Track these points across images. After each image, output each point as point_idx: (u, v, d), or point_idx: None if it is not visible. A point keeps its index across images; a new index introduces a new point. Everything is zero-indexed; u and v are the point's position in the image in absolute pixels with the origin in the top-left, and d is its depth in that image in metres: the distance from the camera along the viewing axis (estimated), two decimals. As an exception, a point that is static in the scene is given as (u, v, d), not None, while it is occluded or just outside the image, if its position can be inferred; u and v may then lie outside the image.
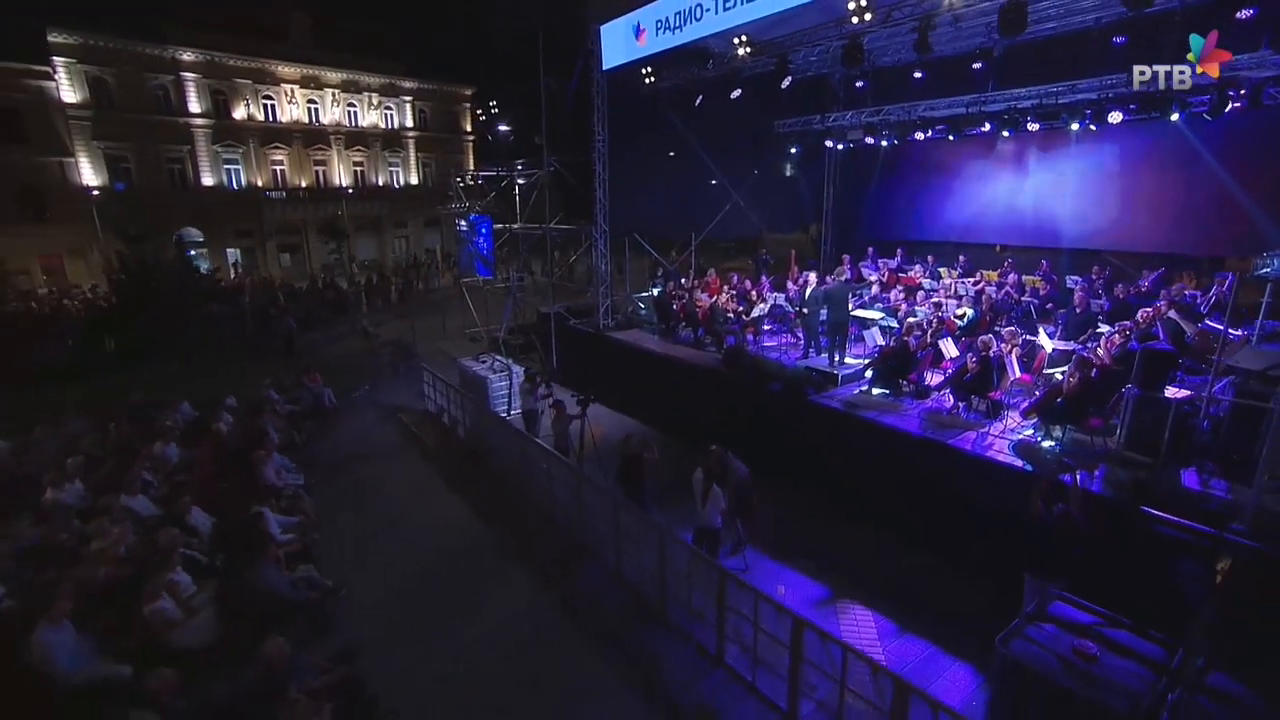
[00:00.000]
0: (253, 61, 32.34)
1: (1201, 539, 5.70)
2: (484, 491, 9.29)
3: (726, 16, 9.32)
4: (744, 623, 5.47)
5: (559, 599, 6.83)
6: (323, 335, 20.55)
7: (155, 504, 8.20)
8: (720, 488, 6.48)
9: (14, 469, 9.07)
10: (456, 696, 5.49)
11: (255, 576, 6.32)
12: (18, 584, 6.41)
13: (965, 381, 8.09)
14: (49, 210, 26.81)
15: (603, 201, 13.14)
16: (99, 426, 10.40)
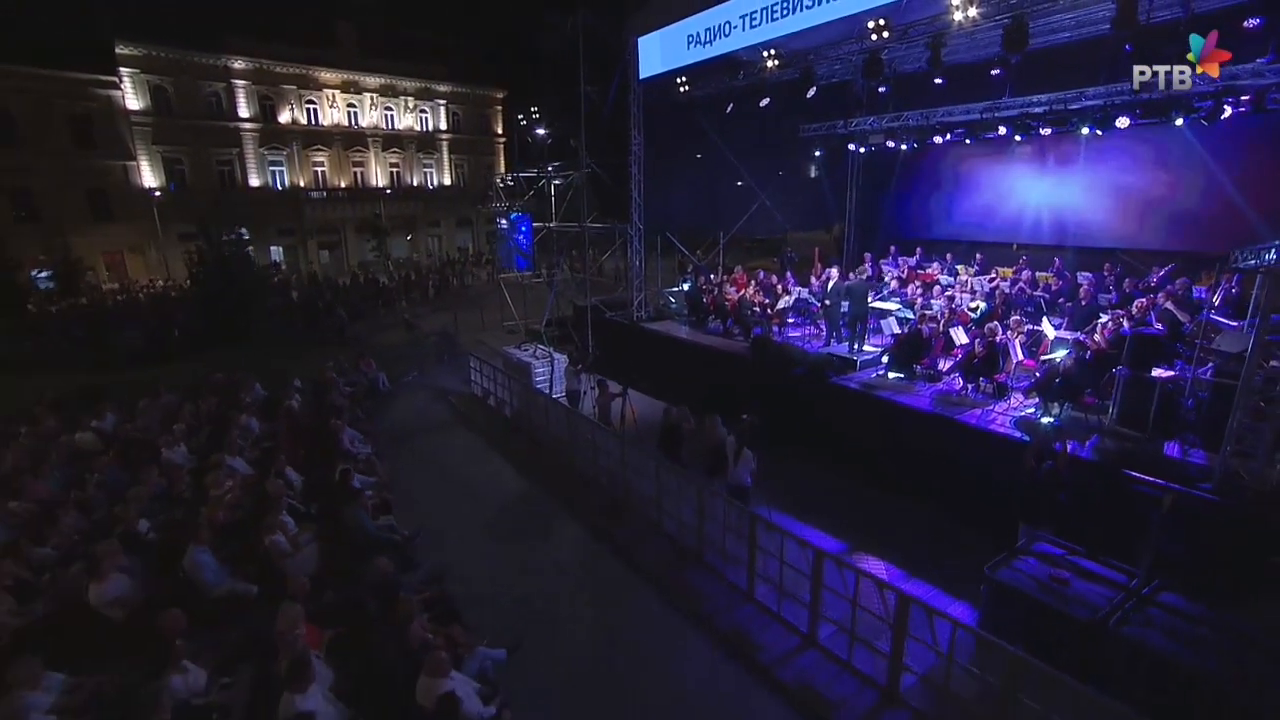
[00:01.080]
0: (298, 68, 34.04)
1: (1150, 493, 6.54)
2: (532, 460, 10.40)
3: (753, 33, 10.31)
4: (771, 560, 6.44)
5: (607, 544, 7.88)
6: (367, 327, 21.87)
7: (249, 465, 9.42)
8: (751, 451, 7.45)
9: (130, 434, 10.37)
10: (529, 613, 6.54)
11: (350, 518, 7.45)
12: (155, 523, 7.63)
13: (973, 365, 8.96)
14: (112, 210, 28.68)
15: (638, 201, 14.19)
16: (190, 401, 11.69)
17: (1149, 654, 4.67)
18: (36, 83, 25.56)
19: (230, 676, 5.35)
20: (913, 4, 8.52)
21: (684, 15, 11.48)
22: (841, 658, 5.81)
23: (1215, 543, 6.18)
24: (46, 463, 9.16)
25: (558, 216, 17.65)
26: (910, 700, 5.33)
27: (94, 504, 8.18)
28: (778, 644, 6.15)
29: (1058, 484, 6.46)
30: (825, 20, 9.19)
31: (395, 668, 5.02)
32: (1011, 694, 4.57)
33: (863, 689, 5.54)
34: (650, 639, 6.38)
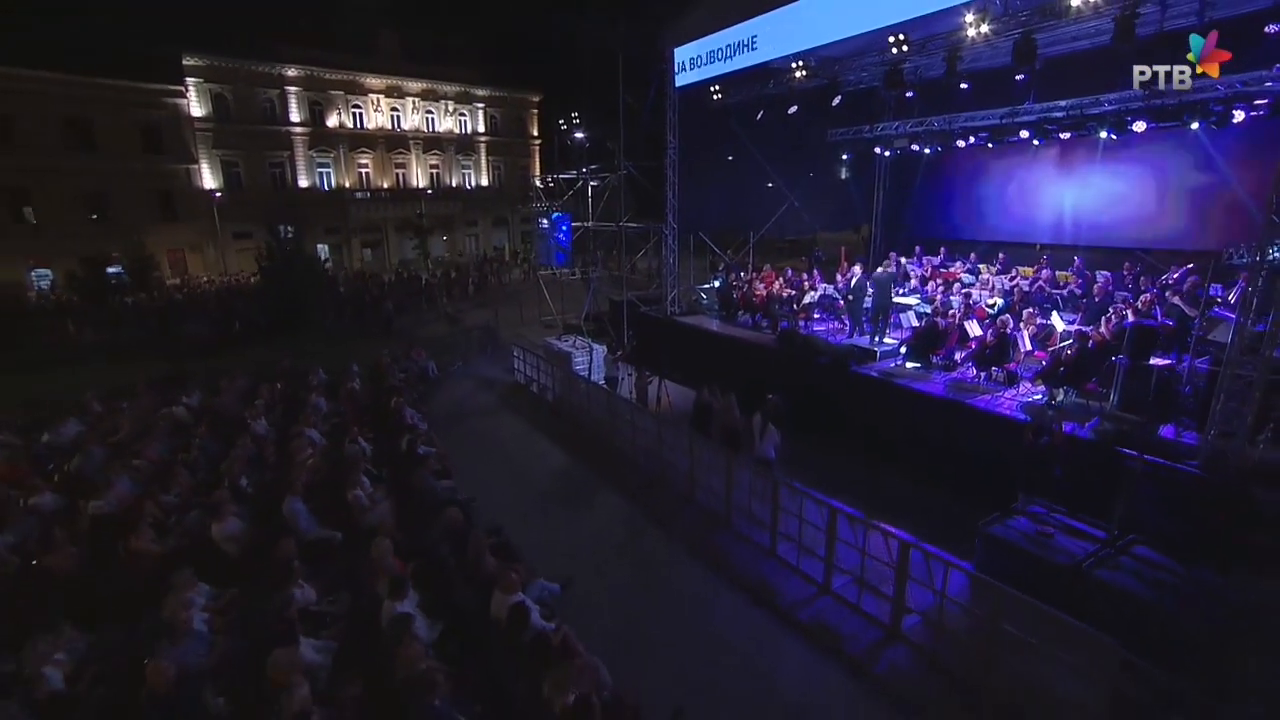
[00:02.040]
0: (345, 74, 35.84)
1: (1159, 470, 7.22)
2: (574, 440, 11.43)
3: (782, 45, 11.19)
4: (791, 520, 7.33)
5: (645, 512, 8.84)
6: (411, 320, 23.26)
7: (322, 437, 10.63)
8: (775, 428, 8.35)
9: (217, 409, 11.71)
10: (577, 565, 7.53)
11: (418, 480, 8.54)
12: (250, 482, 8.83)
13: (984, 355, 9.69)
14: (176, 211, 30.73)
15: (673, 202, 15.15)
16: (264, 383, 13.02)
17: (1117, 593, 5.46)
18: (114, 93, 27.70)
19: (332, 597, 6.44)
20: (929, 21, 9.29)
21: (718, 28, 12.40)
22: (852, 602, 6.68)
23: (1197, 513, 6.85)
24: (154, 431, 10.50)
25: (595, 216, 18.72)
26: (910, 636, 6.18)
27: (197, 465, 9.45)
28: (796, 592, 7.05)
29: (1054, 458, 7.21)
30: (849, 35, 10.02)
31: (470, 591, 6.06)
32: (995, 623, 5.39)
33: (869, 627, 6.41)
34: (685, 588, 7.32)
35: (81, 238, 25.73)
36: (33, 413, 11.47)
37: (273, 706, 4.65)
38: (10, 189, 26.00)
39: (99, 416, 11.68)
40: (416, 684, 4.52)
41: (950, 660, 5.76)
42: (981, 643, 5.51)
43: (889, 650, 6.13)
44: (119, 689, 4.88)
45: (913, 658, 5.97)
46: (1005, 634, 5.31)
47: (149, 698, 4.53)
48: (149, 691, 4.58)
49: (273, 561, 6.56)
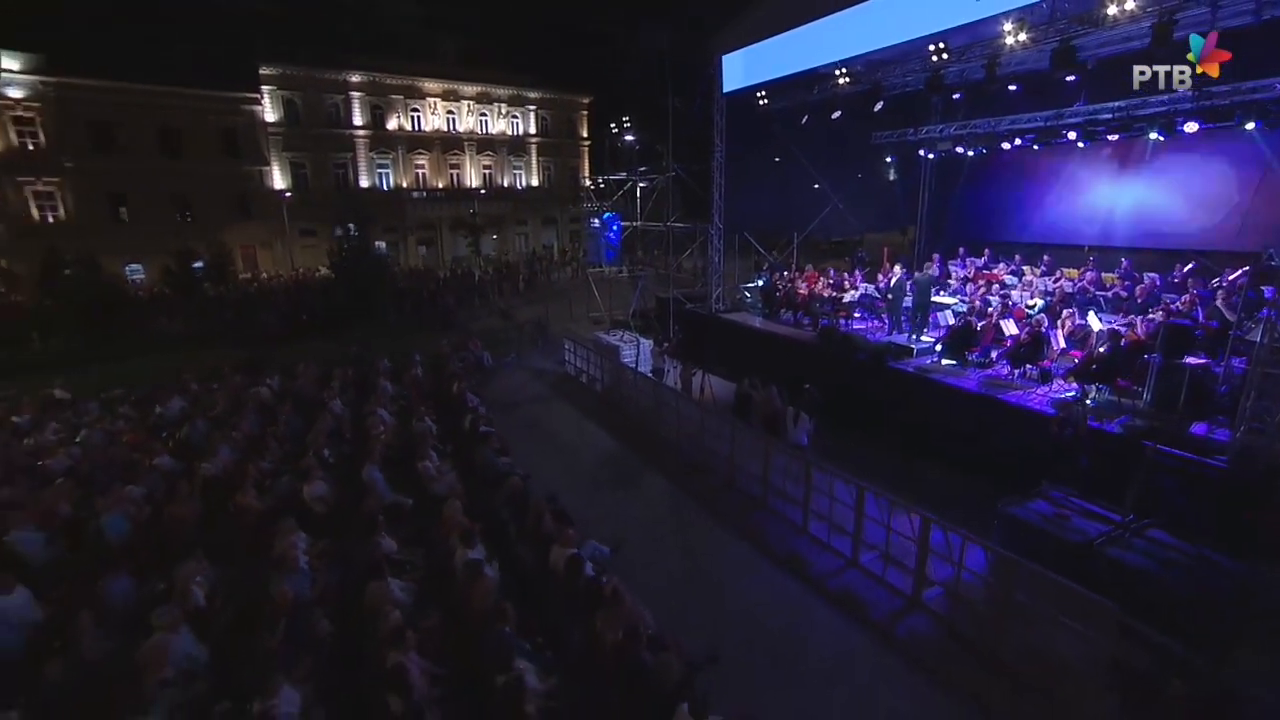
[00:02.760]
0: (405, 79, 37.59)
1: (1187, 464, 7.52)
2: (622, 426, 12.23)
3: (827, 53, 11.74)
4: (822, 498, 7.94)
5: (687, 493, 9.55)
6: (465, 315, 24.51)
7: (391, 416, 11.70)
8: (809, 416, 8.95)
9: (297, 391, 12.96)
10: (626, 534, 8.28)
11: (480, 455, 9.46)
12: (331, 453, 9.91)
13: (1019, 352, 10.05)
14: (250, 210, 32.97)
15: (719, 204, 15.81)
16: (337, 368, 14.27)
17: (1124, 569, 5.90)
18: (199, 102, 30.06)
19: (408, 551, 7.38)
20: (969, 30, 9.71)
21: (764, 36, 13.01)
22: (877, 574, 7.25)
23: (1224, 506, 7.13)
24: (245, 408, 11.76)
25: (643, 216, 19.52)
26: (930, 606, 6.72)
27: (284, 438, 10.61)
28: (826, 564, 7.66)
29: (1078, 449, 7.61)
30: (891, 44, 10.51)
31: (529, 549, 6.90)
32: (1008, 592, 5.92)
33: (892, 597, 6.97)
34: (725, 560, 8.00)
35: (168, 235, 27.92)
36: (143, 390, 12.92)
37: (368, 629, 5.58)
38: (111, 192, 28.59)
39: (197, 395, 13.08)
40: (489, 614, 5.36)
41: (966, 627, 6.29)
42: (996, 611, 6.03)
43: (910, 617, 6.69)
44: (245, 609, 5.88)
45: (932, 624, 6.52)
46: (1017, 603, 5.83)
47: (272, 615, 5.49)
48: (272, 609, 5.55)
49: (359, 516, 7.56)
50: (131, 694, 4.59)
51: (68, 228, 27.03)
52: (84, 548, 7.12)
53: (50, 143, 26.64)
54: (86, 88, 27.09)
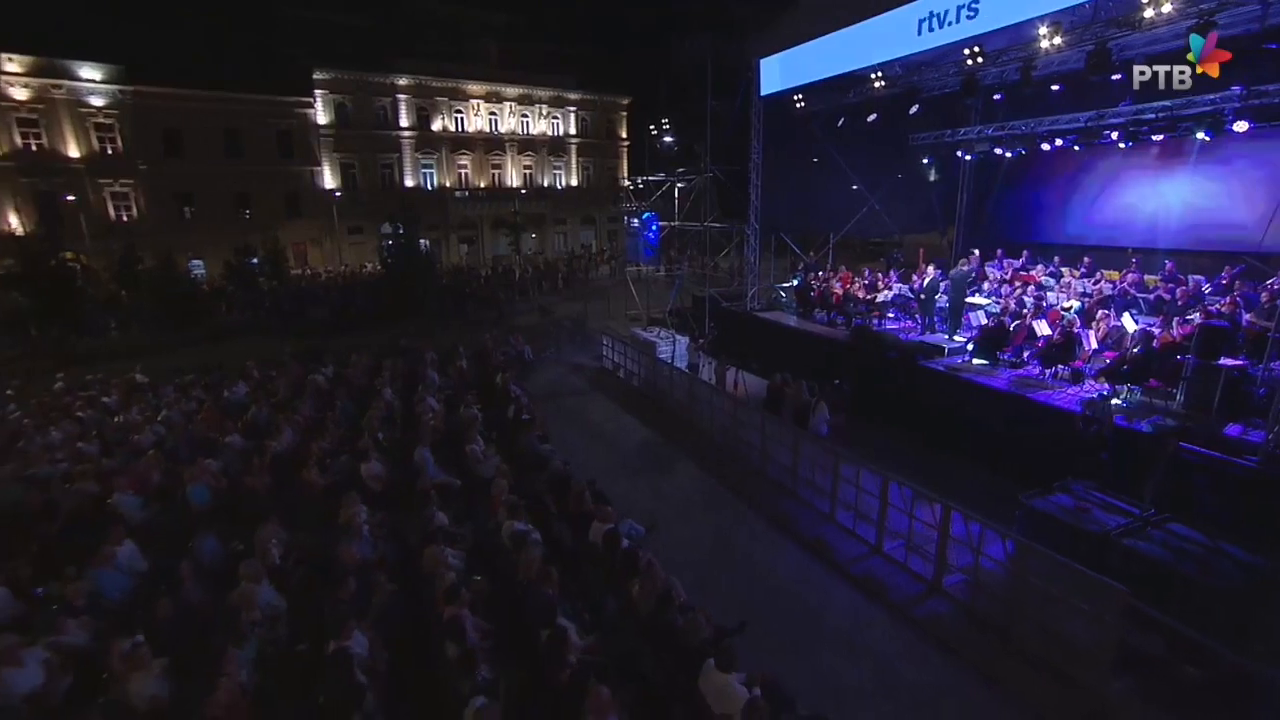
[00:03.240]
0: (450, 82, 38.76)
1: (1215, 463, 7.65)
2: (657, 418, 12.74)
3: (863, 57, 12.04)
4: (849, 487, 8.31)
5: (719, 480, 10.02)
6: (507, 310, 25.35)
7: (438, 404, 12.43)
8: (828, 409, 9.31)
9: (349, 379, 13.84)
10: (660, 517, 8.75)
11: (523, 442, 10.08)
12: (384, 436, 10.66)
13: (1050, 353, 10.21)
14: (301, 208, 34.56)
15: (755, 204, 16.19)
16: (386, 358, 15.13)
17: (1139, 558, 6.15)
18: (258, 106, 31.74)
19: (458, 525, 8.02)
20: (1003, 34, 9.92)
21: (802, 41, 13.35)
22: (900, 561, 7.60)
23: (1252, 503, 7.26)
24: (303, 394, 12.65)
25: (681, 216, 19.99)
26: (951, 592, 7.05)
27: (340, 422, 11.42)
28: (851, 550, 8.04)
29: (1102, 445, 7.82)
30: (927, 48, 10.77)
31: (568, 527, 7.46)
32: (1023, 577, 6.23)
33: (914, 582, 7.33)
34: (754, 543, 8.44)
35: (227, 232, 29.55)
36: (213, 376, 13.99)
37: (426, 588, 6.20)
38: (177, 192, 30.46)
39: (259, 381, 14.06)
40: (535, 578, 5.93)
41: (984, 610, 6.61)
42: (1011, 594, 6.35)
43: (930, 600, 7.04)
44: (315, 568, 6.58)
45: (950, 607, 6.86)
46: (1032, 586, 6.13)
47: (340, 572, 6.16)
48: (341, 567, 6.23)
49: (414, 492, 8.24)
50: (228, 631, 5.28)
51: (140, 226, 28.87)
52: (174, 511, 7.95)
53: (127, 147, 28.50)
54: (160, 95, 28.92)
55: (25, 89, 26.24)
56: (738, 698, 4.45)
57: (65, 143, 27.36)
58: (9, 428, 11.11)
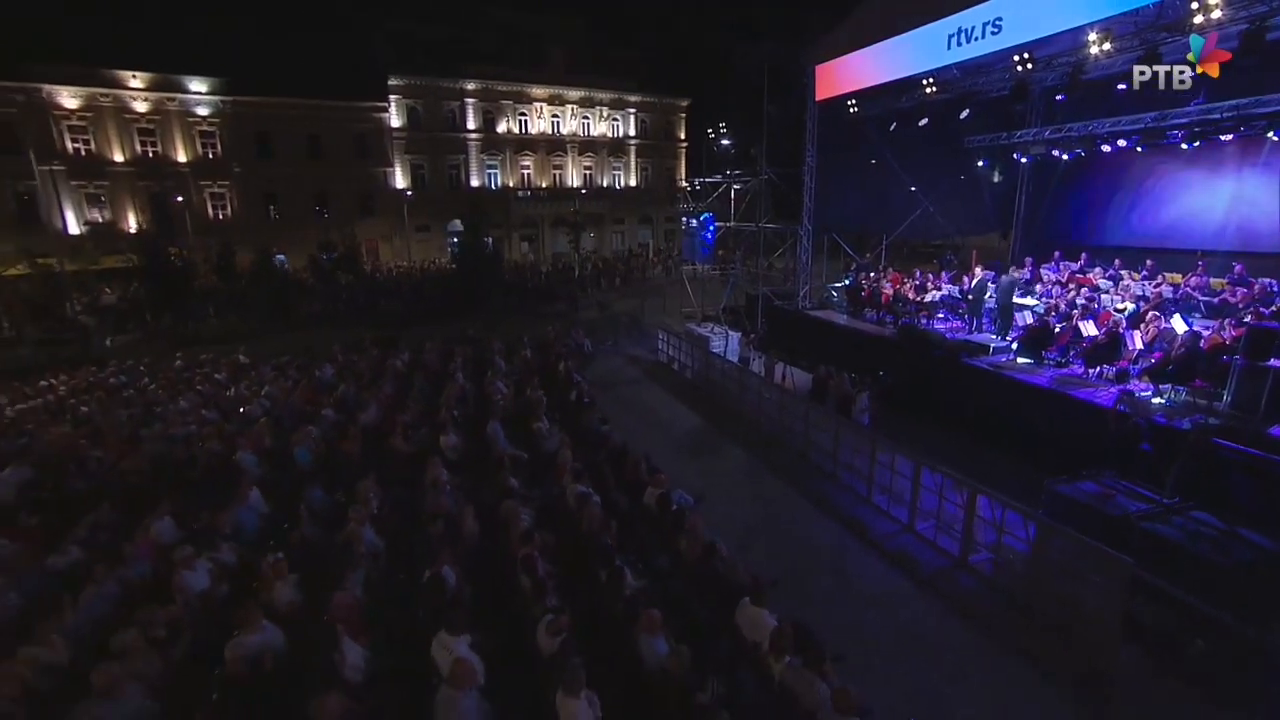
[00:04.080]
0: (515, 86, 40.48)
1: (1255, 460, 7.91)
2: (707, 407, 13.58)
3: (915, 63, 12.57)
4: (885, 471, 8.95)
5: (765, 463, 10.78)
6: (567, 306, 26.61)
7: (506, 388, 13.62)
8: (868, 398, 9.94)
9: (425, 364, 15.23)
10: (708, 492, 9.58)
11: (584, 421, 11.10)
12: (459, 413, 11.87)
13: (1094, 352, 10.52)
14: (374, 207, 36.90)
15: (809, 206, 16.80)
16: (456, 345, 16.50)
17: (1159, 540, 6.62)
18: (337, 112, 34.26)
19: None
20: (1052, 41, 10.33)
21: (855, 48, 13.94)
22: (930, 539, 8.22)
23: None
24: (384, 376, 14.07)
25: (736, 217, 20.74)
26: (976, 568, 7.64)
27: (418, 401, 12.73)
28: (885, 528, 8.69)
29: (1138, 437, 8.22)
30: (976, 55, 11.26)
31: (624, 495, 8.39)
32: (1042, 553, 6.79)
33: (941, 558, 7.94)
34: (796, 519, 9.18)
35: (307, 230, 31.97)
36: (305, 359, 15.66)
37: (502, 536, 7.25)
38: (266, 192, 33.25)
39: (343, 364, 15.63)
40: (597, 530, 6.89)
41: (1006, 584, 7.19)
42: (1032, 570, 6.91)
43: (956, 574, 7.65)
44: (406, 516, 7.74)
45: (974, 580, 7.46)
46: (1051, 562, 6.69)
47: (432, 519, 7.28)
48: (431, 514, 7.35)
49: (488, 461, 9.36)
50: (341, 560, 6.43)
51: (233, 224, 31.67)
52: (284, 469, 9.32)
53: (225, 152, 31.35)
54: (253, 103, 31.72)
55: (145, 102, 29.35)
56: (766, 626, 5.28)
57: (175, 149, 30.37)
58: (148, 397, 12.96)
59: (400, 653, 5.62)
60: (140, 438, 10.45)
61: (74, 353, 19.07)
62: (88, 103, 28.46)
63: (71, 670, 5.13)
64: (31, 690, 4.85)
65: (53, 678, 5.04)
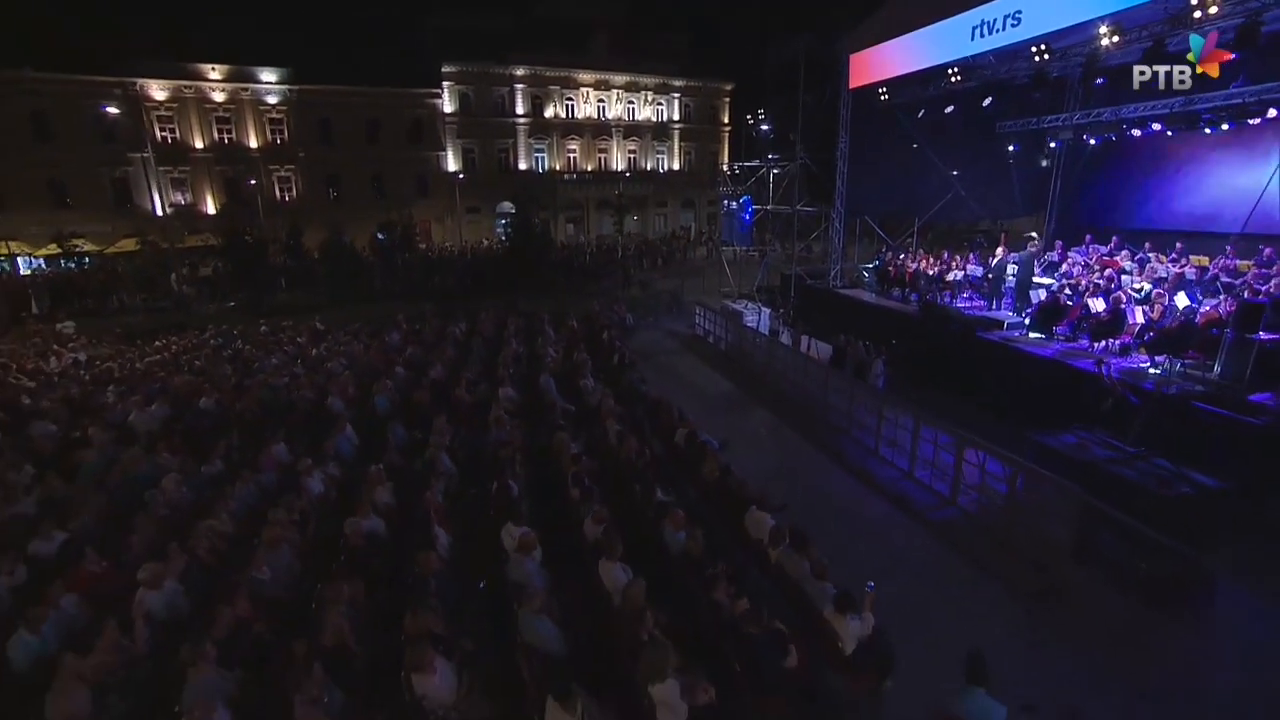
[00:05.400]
0: (562, 72, 41.99)
1: (1229, 422, 8.84)
2: (738, 375, 14.94)
3: (942, 53, 13.52)
4: (892, 428, 10.19)
5: (787, 422, 12.10)
6: (610, 284, 28.15)
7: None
8: (883, 364, 11.13)
9: (481, 332, 16.98)
10: (734, 443, 10.93)
11: (626, 380, 12.60)
12: (514, 372, 13.51)
13: (1098, 327, 11.45)
14: (427, 189, 39.06)
15: (841, 190, 17.84)
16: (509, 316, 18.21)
17: (1119, 479, 7.74)
18: (395, 99, 36.44)
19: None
20: (1067, 34, 11.20)
21: (887, 39, 14.91)
22: (926, 483, 9.45)
23: (1258, 457, 8.46)
24: (444, 342, 15.85)
25: (774, 200, 21.84)
26: (962, 505, 8.85)
27: (477, 363, 14.45)
28: (888, 475, 9.95)
29: (1107, 397, 9.26)
30: (1000, 45, 12.20)
31: (660, 439, 9.86)
32: (1013, 484, 7.99)
33: (933, 497, 9.17)
34: (810, 468, 10.48)
35: (365, 211, 34.29)
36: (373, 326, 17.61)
37: (555, 461, 8.80)
38: (328, 175, 35.70)
39: (407, 331, 17.50)
40: (634, 459, 8.38)
41: (986, 518, 8.40)
42: (1008, 505, 8.12)
43: (945, 511, 8.88)
44: (472, 452, 9.38)
45: (959, 515, 8.69)
46: (1024, 499, 7.88)
47: (496, 447, 8.88)
48: (494, 444, 8.96)
49: (542, 408, 10.96)
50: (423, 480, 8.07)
51: (298, 205, 34.22)
52: (366, 414, 11.10)
53: (291, 138, 33.88)
54: (318, 91, 34.15)
55: (222, 92, 32.03)
56: (767, 526, 6.69)
57: (248, 135, 33.06)
58: (244, 355, 15.07)
59: (476, 541, 7.23)
60: (245, 386, 12.42)
61: (176, 319, 21.64)
62: (174, 94, 31.30)
63: (236, 537, 6.93)
64: (216, 549, 6.63)
65: (225, 542, 6.82)
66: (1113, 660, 6.19)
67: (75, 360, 15.15)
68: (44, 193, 29.90)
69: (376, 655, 5.31)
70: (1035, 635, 6.64)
